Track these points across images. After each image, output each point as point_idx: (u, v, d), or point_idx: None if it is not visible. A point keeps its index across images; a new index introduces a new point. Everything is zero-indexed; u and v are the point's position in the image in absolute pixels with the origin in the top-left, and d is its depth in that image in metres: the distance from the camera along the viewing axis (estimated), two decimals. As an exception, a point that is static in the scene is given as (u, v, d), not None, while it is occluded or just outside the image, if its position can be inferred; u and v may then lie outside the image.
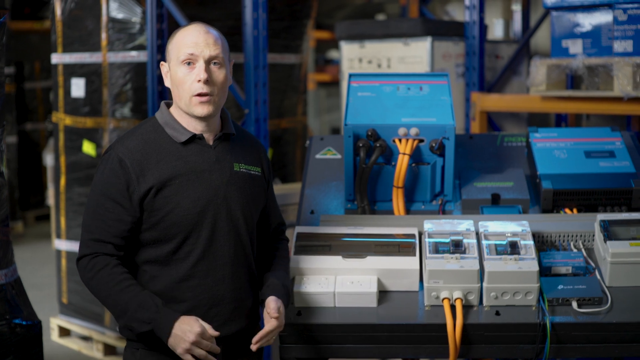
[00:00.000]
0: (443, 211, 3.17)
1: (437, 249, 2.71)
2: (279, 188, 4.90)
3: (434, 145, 3.08)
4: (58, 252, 5.64)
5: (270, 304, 2.55)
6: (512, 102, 5.02)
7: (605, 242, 2.74)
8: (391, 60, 5.31)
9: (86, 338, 5.61)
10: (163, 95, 4.92)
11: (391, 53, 5.31)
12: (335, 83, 9.63)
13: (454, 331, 2.57)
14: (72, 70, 5.39)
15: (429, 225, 2.84)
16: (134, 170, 2.50)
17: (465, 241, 2.74)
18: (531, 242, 2.72)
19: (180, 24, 4.67)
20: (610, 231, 2.77)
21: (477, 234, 2.80)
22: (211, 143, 2.61)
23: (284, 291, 2.62)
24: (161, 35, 4.91)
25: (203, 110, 2.53)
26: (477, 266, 2.64)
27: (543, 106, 4.62)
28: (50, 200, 7.57)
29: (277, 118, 5.99)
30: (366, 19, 8.33)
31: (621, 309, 2.62)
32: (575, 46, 4.40)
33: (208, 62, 2.53)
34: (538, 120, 5.98)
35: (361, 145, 3.09)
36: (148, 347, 2.55)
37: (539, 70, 4.41)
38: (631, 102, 4.10)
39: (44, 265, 7.71)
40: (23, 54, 9.69)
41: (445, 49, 5.27)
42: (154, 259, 2.54)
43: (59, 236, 5.63)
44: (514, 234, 2.76)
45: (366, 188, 3.13)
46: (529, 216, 3.03)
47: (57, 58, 5.48)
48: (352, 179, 3.15)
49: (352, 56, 5.50)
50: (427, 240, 2.76)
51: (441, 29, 5.30)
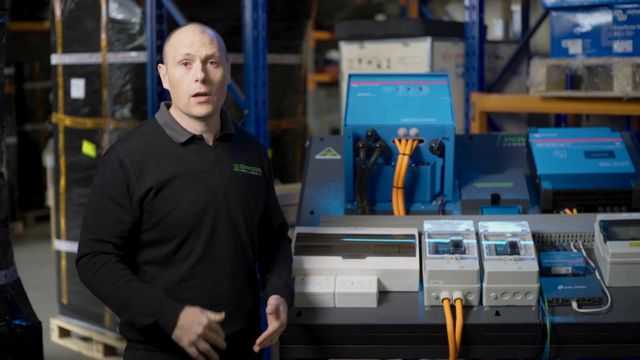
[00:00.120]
0: (443, 211, 3.16)
1: (437, 250, 2.71)
2: (279, 188, 4.90)
3: (434, 145, 3.08)
4: (58, 253, 5.64)
5: (270, 302, 2.54)
6: (512, 103, 5.02)
7: (605, 243, 2.74)
8: (391, 60, 5.31)
9: (86, 339, 5.61)
10: (163, 96, 4.92)
11: (391, 53, 5.31)
12: (335, 83, 9.63)
13: (454, 331, 2.57)
14: (72, 70, 5.39)
15: (429, 225, 2.84)
16: (134, 170, 2.50)
17: (465, 241, 2.74)
18: (531, 243, 2.72)
19: (179, 25, 4.67)
20: (610, 231, 2.77)
21: (477, 235, 2.80)
22: (211, 143, 2.60)
23: (287, 291, 2.61)
24: (161, 35, 4.91)
25: (202, 110, 2.53)
26: (477, 266, 2.63)
27: (543, 106, 4.62)
28: (50, 201, 7.56)
29: (277, 119, 5.99)
30: (366, 20, 8.33)
31: (621, 309, 2.62)
32: (574, 46, 4.40)
33: (205, 62, 2.53)
34: (538, 120, 5.98)
35: (361, 145, 3.08)
36: (148, 348, 2.55)
37: (539, 70, 4.41)
38: (631, 102, 4.10)
39: (44, 266, 7.70)
40: (23, 55, 9.69)
41: (444, 50, 5.27)
42: (154, 260, 2.54)
43: (59, 237, 5.63)
44: (514, 234, 2.76)
45: (366, 188, 3.13)
46: (529, 216, 3.03)
47: (57, 59, 5.48)
48: (352, 180, 3.15)
49: (352, 57, 5.50)
50: (427, 240, 2.76)
51: (441, 30, 5.30)
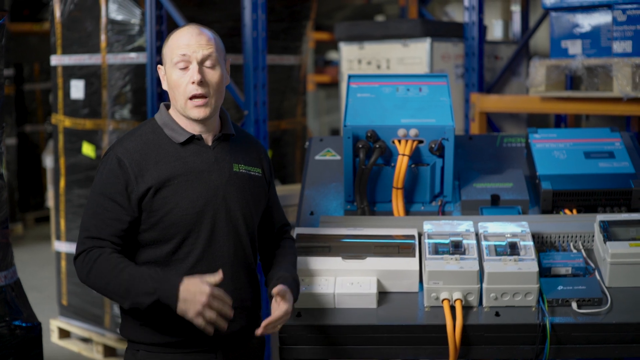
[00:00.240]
0: (442, 212, 3.16)
1: (437, 250, 2.71)
2: (279, 189, 4.90)
3: (434, 146, 3.08)
4: (58, 254, 5.64)
5: (277, 289, 2.51)
6: (512, 103, 5.02)
7: (604, 243, 2.74)
8: (390, 61, 5.32)
9: (86, 340, 5.61)
10: (162, 96, 4.92)
11: (390, 54, 5.31)
12: (334, 84, 9.64)
13: (454, 332, 2.57)
14: (72, 71, 5.39)
15: (429, 226, 2.84)
16: (133, 170, 2.50)
17: (464, 242, 2.73)
18: (531, 243, 2.72)
19: (179, 26, 4.67)
20: (609, 232, 2.77)
21: (477, 235, 2.80)
22: (210, 144, 2.61)
23: (294, 284, 2.59)
24: (160, 36, 4.91)
25: (199, 113, 2.53)
26: (477, 267, 2.63)
27: (542, 107, 4.62)
28: (49, 202, 7.56)
29: (277, 119, 5.99)
30: (365, 20, 8.34)
31: (621, 310, 2.62)
32: (574, 47, 4.40)
33: (201, 63, 2.52)
34: (537, 121, 5.99)
35: (360, 146, 3.08)
36: (149, 349, 2.55)
37: (538, 71, 4.41)
38: (630, 103, 4.10)
39: (44, 267, 7.70)
40: (22, 56, 9.70)
41: (444, 50, 5.27)
42: (154, 260, 2.53)
43: (59, 238, 5.63)
44: (514, 235, 2.76)
45: (366, 189, 3.13)
46: (529, 217, 3.03)
47: (57, 60, 5.48)
48: (352, 180, 3.15)
49: (352, 57, 5.50)
50: (427, 241, 2.76)
51: (440, 30, 5.30)
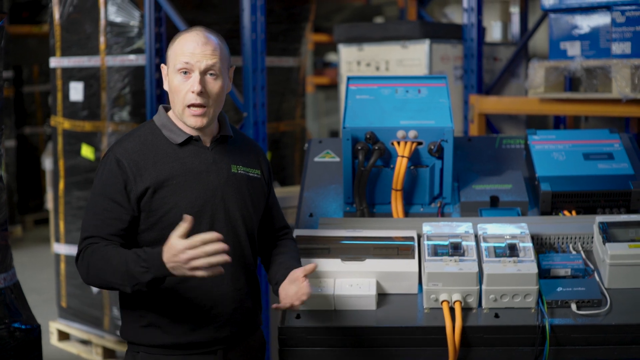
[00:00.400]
0: (442, 214, 3.16)
1: (436, 252, 2.71)
2: (278, 191, 4.90)
3: (433, 147, 3.08)
4: (57, 256, 5.63)
5: (298, 270, 2.53)
6: (511, 105, 5.02)
7: (604, 244, 2.74)
8: (389, 63, 5.32)
9: (85, 342, 5.61)
10: (161, 98, 4.92)
11: (389, 56, 5.31)
12: (333, 86, 9.65)
13: (453, 334, 2.57)
14: (71, 74, 5.39)
15: (428, 227, 2.84)
16: (131, 170, 2.50)
17: (464, 244, 2.73)
18: (530, 245, 2.72)
19: (178, 28, 4.68)
20: (609, 233, 2.77)
21: (476, 237, 2.80)
22: (208, 145, 2.61)
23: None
24: (159, 38, 4.91)
25: (196, 122, 2.53)
26: (476, 269, 2.63)
27: (541, 108, 4.62)
28: (49, 204, 7.55)
29: (276, 121, 5.99)
30: (364, 22, 8.33)
31: (620, 311, 2.62)
32: (573, 48, 4.40)
33: (204, 73, 2.51)
34: (536, 122, 5.99)
35: (360, 148, 3.08)
36: (149, 350, 2.55)
37: (537, 72, 4.41)
38: (629, 104, 4.10)
39: (43, 269, 7.70)
40: (21, 58, 9.70)
41: (443, 52, 5.27)
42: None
43: (58, 240, 5.63)
44: (513, 237, 2.76)
45: (365, 191, 3.13)
46: (528, 218, 3.03)
47: (56, 62, 5.48)
48: (351, 182, 3.15)
49: (351, 59, 5.50)
50: (426, 242, 2.76)
51: (439, 32, 5.31)
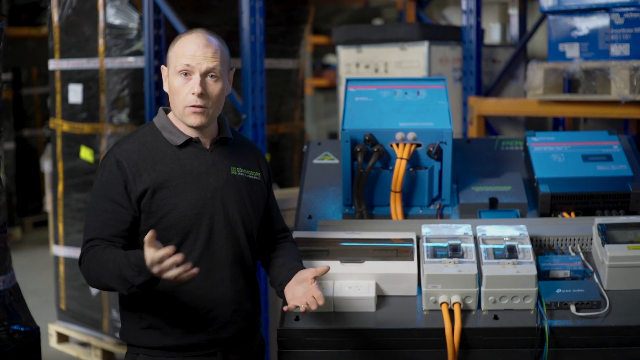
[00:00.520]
0: (441, 215, 3.16)
1: (435, 254, 2.71)
2: (277, 193, 4.90)
3: (432, 149, 3.08)
4: (56, 258, 5.63)
5: (307, 272, 2.53)
6: (510, 106, 5.02)
7: (603, 246, 2.74)
8: (388, 65, 5.32)
9: (84, 344, 5.60)
10: (160, 101, 4.92)
11: (388, 58, 5.32)
12: (332, 88, 9.66)
13: (452, 336, 2.57)
14: (70, 76, 5.39)
15: (427, 229, 2.84)
16: (131, 170, 2.51)
17: (463, 245, 2.73)
18: (529, 246, 2.72)
19: (177, 30, 4.68)
20: (608, 235, 2.77)
21: (475, 238, 2.80)
22: (208, 147, 2.61)
23: None
24: (158, 41, 4.92)
25: (195, 120, 2.53)
26: (475, 270, 2.63)
27: (540, 110, 4.62)
28: (48, 206, 7.55)
29: (275, 123, 5.99)
30: (363, 24, 8.35)
31: (619, 313, 2.62)
32: (572, 50, 4.40)
33: (204, 75, 2.52)
34: (535, 124, 5.99)
35: (359, 150, 3.08)
36: (149, 353, 2.55)
37: (536, 74, 4.41)
38: (628, 106, 4.10)
39: (42, 271, 7.70)
40: (20, 60, 9.70)
41: (442, 54, 5.28)
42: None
43: (57, 242, 5.62)
44: (512, 238, 2.76)
45: (364, 193, 3.13)
46: (527, 220, 3.03)
47: (55, 64, 5.48)
48: (350, 184, 3.15)
49: (350, 61, 5.50)
50: (425, 244, 2.76)
51: (438, 34, 5.31)
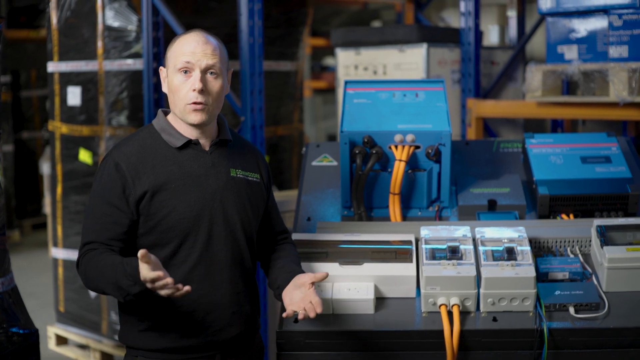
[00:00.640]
0: (439, 217, 3.16)
1: (434, 256, 2.71)
2: (276, 195, 4.89)
3: (430, 151, 3.08)
4: (55, 261, 5.63)
5: (305, 276, 2.53)
6: (508, 108, 5.03)
7: (602, 248, 2.74)
8: (387, 67, 5.32)
9: (83, 346, 5.60)
10: (159, 103, 4.92)
11: (387, 60, 5.32)
12: (331, 90, 9.65)
13: (451, 338, 2.57)
14: (68, 78, 5.39)
15: (426, 231, 2.84)
16: (130, 173, 2.51)
17: (462, 247, 2.73)
18: (528, 248, 2.72)
19: (176, 32, 4.68)
20: (606, 236, 2.77)
21: (474, 240, 2.80)
22: (207, 149, 2.61)
23: None
24: (157, 43, 4.92)
25: (196, 117, 2.54)
26: (474, 272, 2.63)
27: (539, 112, 4.62)
28: (46, 208, 7.56)
29: (273, 125, 5.99)
30: (362, 26, 8.34)
31: (618, 314, 2.62)
32: (570, 52, 4.41)
33: (204, 72, 2.53)
34: (534, 126, 6.00)
35: (357, 152, 3.08)
36: (148, 355, 2.55)
37: (535, 76, 4.41)
38: (627, 108, 4.10)
39: (41, 273, 7.69)
40: (19, 63, 9.70)
41: (440, 56, 5.28)
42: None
43: (56, 244, 5.62)
44: (511, 240, 2.76)
45: (362, 195, 3.13)
46: (526, 222, 3.03)
47: (53, 66, 5.48)
48: (349, 186, 3.15)
49: (348, 63, 5.50)
50: (424, 246, 2.76)
51: (437, 36, 5.31)
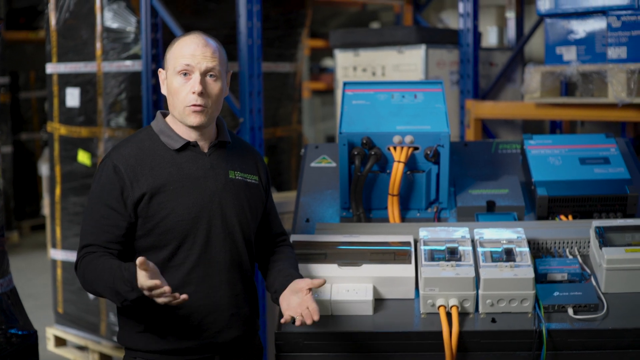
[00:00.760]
0: (438, 219, 3.16)
1: (433, 257, 2.71)
2: (274, 196, 4.89)
3: (429, 152, 3.08)
4: (53, 262, 5.63)
5: (302, 282, 2.52)
6: (507, 110, 5.03)
7: (600, 249, 2.74)
8: (385, 68, 5.32)
9: (82, 348, 5.60)
10: (158, 104, 4.92)
11: (385, 61, 5.32)
12: (330, 91, 9.66)
13: (450, 339, 2.57)
14: (67, 79, 5.39)
15: (425, 232, 2.84)
16: (128, 175, 2.50)
17: (460, 248, 2.73)
18: (527, 249, 2.72)
19: (175, 34, 4.68)
20: (605, 237, 2.77)
21: (473, 242, 2.80)
22: (206, 150, 2.61)
23: None
24: (156, 44, 4.92)
25: (196, 119, 2.53)
26: (473, 273, 2.63)
27: (537, 113, 4.63)
28: (45, 209, 7.56)
29: (272, 127, 5.99)
30: (360, 27, 8.35)
31: (617, 316, 2.62)
32: (569, 53, 4.41)
33: (204, 74, 2.53)
34: (533, 127, 6.00)
35: (356, 153, 3.08)
36: (147, 356, 2.55)
37: (533, 77, 4.42)
38: (625, 109, 4.11)
39: (40, 275, 7.69)
40: (18, 64, 9.70)
41: (439, 57, 5.28)
42: (151, 266, 2.53)
43: (55, 246, 5.62)
44: (510, 241, 2.76)
45: (361, 196, 3.13)
46: (525, 223, 3.03)
47: (52, 68, 5.48)
48: (347, 187, 3.15)
49: (347, 64, 5.51)
50: (423, 247, 2.76)
51: (435, 37, 5.31)
